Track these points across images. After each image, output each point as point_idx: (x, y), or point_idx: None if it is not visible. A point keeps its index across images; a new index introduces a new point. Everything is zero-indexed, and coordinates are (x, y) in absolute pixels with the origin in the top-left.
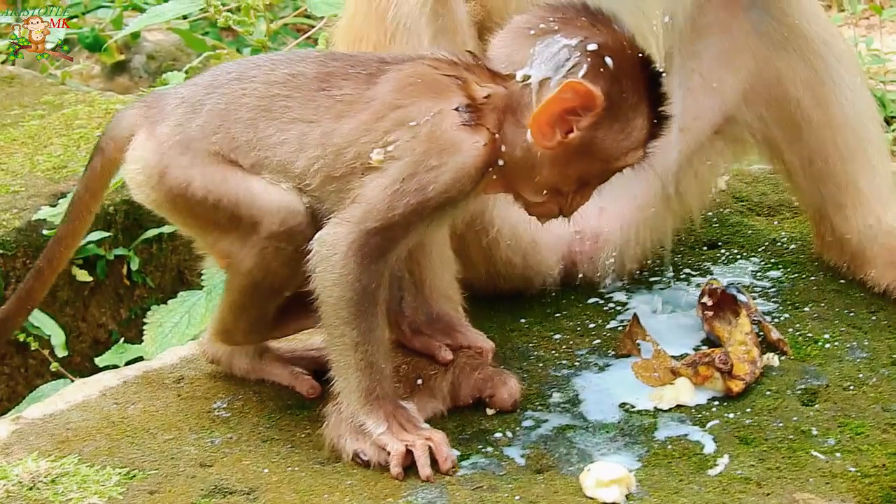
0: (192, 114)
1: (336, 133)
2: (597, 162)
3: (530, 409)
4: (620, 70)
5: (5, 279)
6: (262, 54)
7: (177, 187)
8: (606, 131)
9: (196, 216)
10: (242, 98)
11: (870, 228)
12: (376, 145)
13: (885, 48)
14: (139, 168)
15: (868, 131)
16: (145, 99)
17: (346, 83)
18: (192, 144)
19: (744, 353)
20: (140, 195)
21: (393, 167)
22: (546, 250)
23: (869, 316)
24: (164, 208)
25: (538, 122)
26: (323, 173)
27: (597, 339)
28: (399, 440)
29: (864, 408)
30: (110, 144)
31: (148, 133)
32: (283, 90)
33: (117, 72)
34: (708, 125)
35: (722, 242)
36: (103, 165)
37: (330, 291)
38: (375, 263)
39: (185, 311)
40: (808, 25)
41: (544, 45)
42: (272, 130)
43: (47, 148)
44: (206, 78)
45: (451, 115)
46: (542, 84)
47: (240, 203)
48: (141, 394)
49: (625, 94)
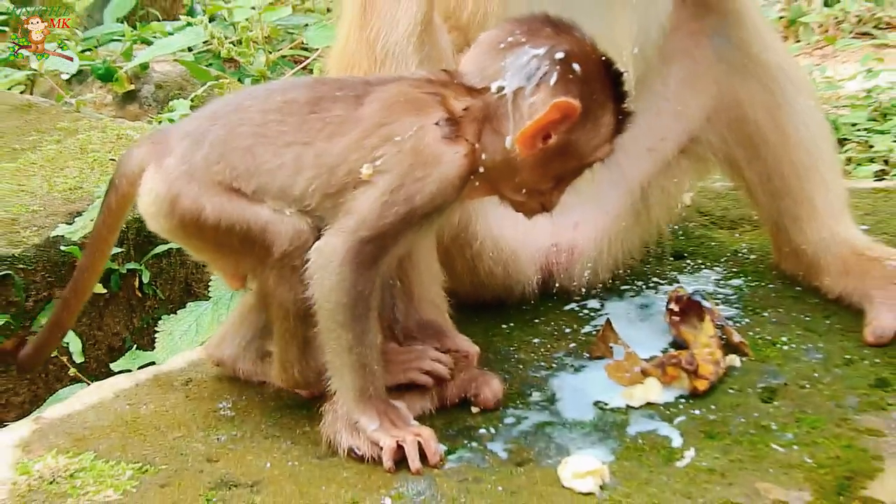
0: (196, 146)
1: (328, 153)
2: (572, 160)
3: (512, 407)
4: (587, 74)
5: (25, 291)
6: (260, 84)
7: (189, 215)
8: (580, 133)
9: (209, 241)
10: (240, 127)
11: (824, 240)
12: (365, 160)
13: (837, 76)
14: (151, 199)
15: (821, 150)
16: (151, 135)
17: (335, 105)
18: (197, 175)
19: (708, 355)
20: (154, 225)
21: (382, 180)
22: (525, 261)
23: (823, 320)
24: (178, 235)
25: (525, 135)
26: (320, 192)
27: (572, 342)
28: (390, 436)
29: (820, 404)
30: (123, 181)
31: (156, 167)
32: (278, 116)
33: (128, 100)
34: (674, 145)
35: (687, 253)
36: (117, 201)
37: (328, 297)
38: (369, 270)
39: (194, 320)
40: (766, 53)
41: (514, 57)
42: (269, 156)
43: (63, 171)
44: (206, 111)
45: (432, 129)
46: (517, 94)
47: (250, 227)
48: (152, 395)
49: (594, 96)
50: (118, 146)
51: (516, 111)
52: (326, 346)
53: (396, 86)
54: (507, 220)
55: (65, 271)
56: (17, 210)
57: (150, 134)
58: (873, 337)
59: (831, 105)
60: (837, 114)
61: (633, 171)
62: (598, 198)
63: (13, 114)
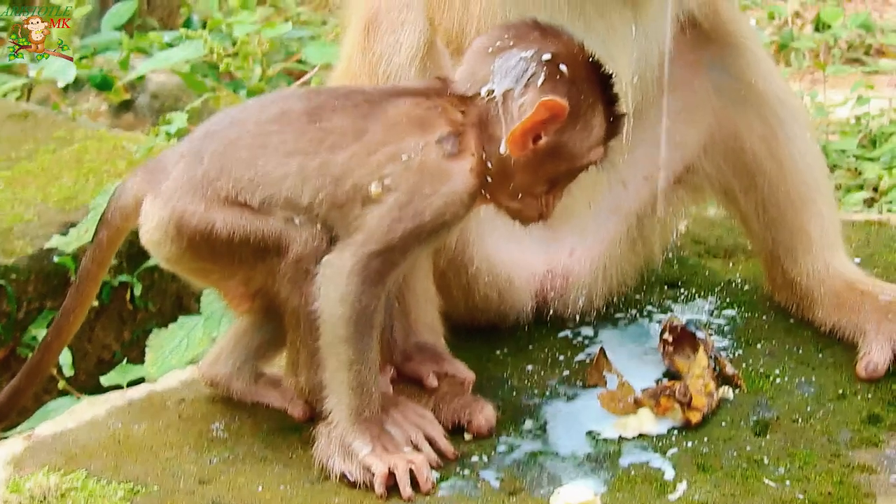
0: (194, 164)
1: (332, 164)
2: (564, 162)
3: (504, 434)
4: (575, 75)
5: (17, 302)
6: (251, 99)
7: (198, 233)
8: (570, 133)
9: (220, 258)
10: (238, 140)
11: (818, 272)
12: (372, 178)
13: (827, 102)
14: (154, 227)
15: (817, 182)
16: (144, 166)
17: (335, 115)
18: (200, 191)
19: (701, 386)
20: (162, 252)
21: (390, 197)
22: (520, 287)
23: (816, 353)
24: (186, 258)
25: (514, 135)
26: (328, 202)
27: (566, 370)
28: (383, 462)
29: (812, 439)
30: (116, 215)
31: (154, 194)
32: (276, 126)
33: (123, 110)
34: (670, 174)
35: (682, 282)
36: (109, 237)
37: (332, 309)
38: (375, 286)
39: (185, 334)
40: (764, 84)
41: (503, 60)
42: (272, 166)
43: (59, 180)
44: (199, 130)
45: (436, 147)
46: (506, 96)
47: (265, 234)
48: (145, 414)
49: (582, 97)
50: (114, 157)
51: (506, 113)
52: (326, 362)
53: (398, 104)
54: (503, 245)
55: (57, 282)
56: (12, 220)
57: (144, 164)
58: (866, 372)
59: (821, 131)
60: (828, 140)
61: (628, 199)
62: (593, 225)
63: (9, 122)
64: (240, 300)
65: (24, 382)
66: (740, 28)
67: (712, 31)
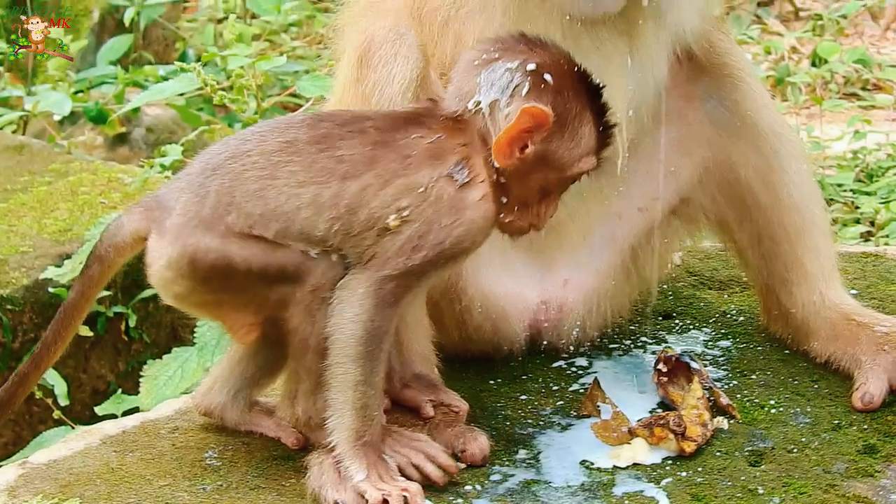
0: (200, 199)
1: (345, 193)
2: (553, 171)
3: (498, 464)
4: (561, 84)
5: (13, 333)
6: (246, 129)
7: (216, 268)
8: (558, 142)
9: (233, 290)
10: (244, 173)
11: (813, 304)
12: (387, 210)
13: (824, 136)
14: (164, 265)
15: (813, 214)
16: (140, 203)
17: (343, 143)
18: (210, 226)
19: (696, 417)
20: (173, 290)
21: (409, 228)
22: (514, 318)
23: (812, 384)
24: (198, 293)
25: (499, 144)
26: (342, 232)
27: (560, 400)
28: (377, 489)
29: (807, 469)
30: (110, 252)
31: (158, 232)
32: (283, 157)
33: (119, 143)
34: (665, 205)
35: (676, 313)
36: (101, 272)
37: (344, 328)
38: (389, 308)
39: (179, 365)
40: (759, 117)
41: (488, 72)
42: (284, 198)
43: (54, 212)
44: (198, 165)
45: (448, 180)
46: (493, 107)
47: (285, 265)
48: (138, 442)
49: (568, 105)
50: (109, 189)
51: (494, 124)
52: (332, 381)
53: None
54: (496, 276)
55: (52, 313)
56: (7, 251)
57: (140, 201)
58: (861, 403)
59: (818, 165)
60: (824, 174)
61: (623, 230)
62: (587, 256)
63: (5, 154)
64: (247, 330)
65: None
66: (735, 60)
67: (707, 62)
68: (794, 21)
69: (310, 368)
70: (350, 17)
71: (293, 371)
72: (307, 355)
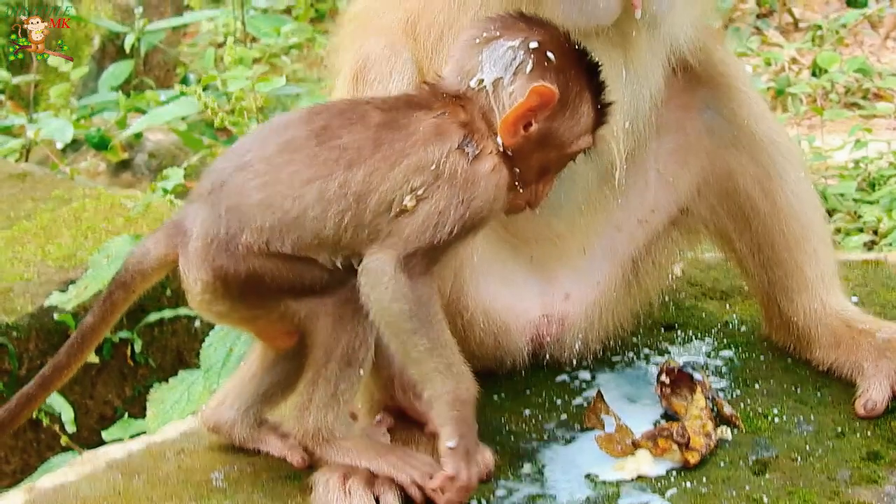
0: (215, 222)
1: (352, 182)
2: (553, 149)
3: (503, 478)
4: (562, 62)
5: (19, 360)
6: (244, 137)
7: (247, 283)
8: (560, 120)
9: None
10: (248, 184)
11: (815, 311)
12: (399, 191)
13: (825, 146)
14: (200, 289)
15: (812, 221)
16: (164, 227)
17: (343, 130)
18: (230, 247)
19: (699, 427)
20: (216, 311)
21: (426, 205)
22: (516, 332)
23: (815, 392)
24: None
25: (507, 123)
26: (353, 224)
27: (563, 413)
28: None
29: (811, 477)
30: (135, 278)
31: (185, 256)
32: (284, 157)
33: (121, 169)
34: (664, 217)
35: (678, 325)
36: (124, 298)
37: (389, 309)
38: (423, 277)
39: (185, 388)
40: (756, 125)
41: (490, 50)
42: (290, 203)
43: (57, 238)
44: (206, 182)
45: (459, 152)
46: (496, 84)
47: (312, 277)
48: (144, 465)
49: (570, 84)
50: (112, 214)
51: (498, 102)
52: (407, 362)
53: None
54: (498, 290)
55: (58, 339)
56: (11, 278)
57: (162, 226)
58: (864, 409)
59: (820, 175)
60: (826, 184)
61: (623, 242)
62: (588, 269)
63: (8, 182)
64: (284, 339)
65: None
66: (731, 69)
67: (703, 72)
68: (794, 32)
69: (328, 377)
70: (346, 36)
71: (310, 380)
72: (329, 363)
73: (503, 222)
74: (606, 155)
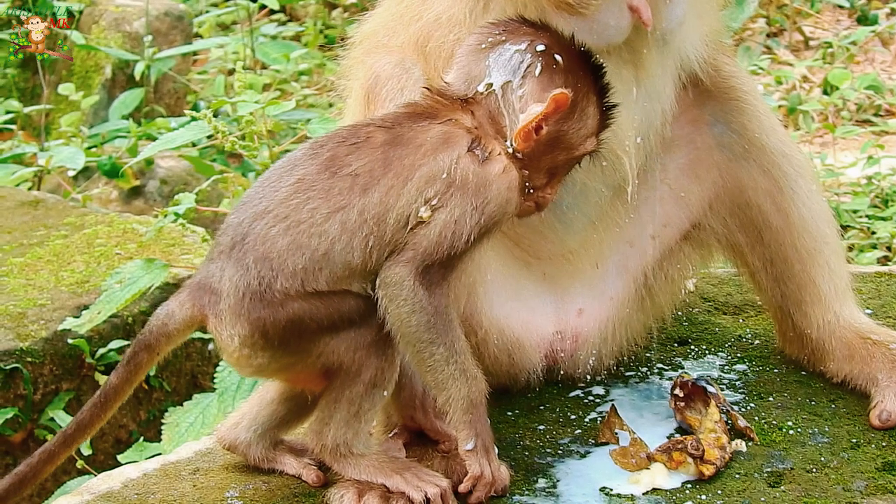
0: (243, 273)
1: (370, 205)
2: (562, 152)
3: (518, 494)
4: (570, 65)
5: (33, 385)
6: (254, 185)
7: (287, 333)
8: (569, 123)
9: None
10: (271, 230)
11: (828, 324)
12: (416, 204)
13: (837, 163)
14: (238, 345)
15: (824, 234)
16: (186, 289)
17: (351, 157)
18: (266, 297)
19: (714, 440)
20: (255, 365)
21: (441, 214)
22: (530, 349)
23: (829, 404)
24: (277, 359)
25: (524, 129)
26: (377, 247)
27: (578, 429)
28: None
29: (827, 488)
30: (161, 341)
31: (216, 316)
32: (300, 197)
33: (133, 196)
34: (676, 232)
35: (691, 339)
36: (149, 360)
37: (408, 322)
38: (440, 287)
39: (200, 411)
40: (766, 139)
41: (497, 55)
42: (316, 240)
43: (70, 265)
44: (226, 238)
45: (469, 157)
46: (505, 88)
47: (349, 309)
48: (160, 485)
49: (578, 86)
50: (124, 240)
51: (507, 106)
52: (423, 369)
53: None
54: (511, 307)
55: (72, 364)
56: (25, 304)
57: (183, 287)
58: (879, 420)
59: (832, 192)
60: (839, 201)
61: (636, 257)
62: (601, 284)
63: (21, 209)
64: (318, 381)
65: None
66: (741, 84)
67: (714, 87)
68: (805, 50)
69: (353, 398)
70: (356, 57)
71: (332, 400)
72: (356, 386)
73: (515, 239)
74: (618, 171)
